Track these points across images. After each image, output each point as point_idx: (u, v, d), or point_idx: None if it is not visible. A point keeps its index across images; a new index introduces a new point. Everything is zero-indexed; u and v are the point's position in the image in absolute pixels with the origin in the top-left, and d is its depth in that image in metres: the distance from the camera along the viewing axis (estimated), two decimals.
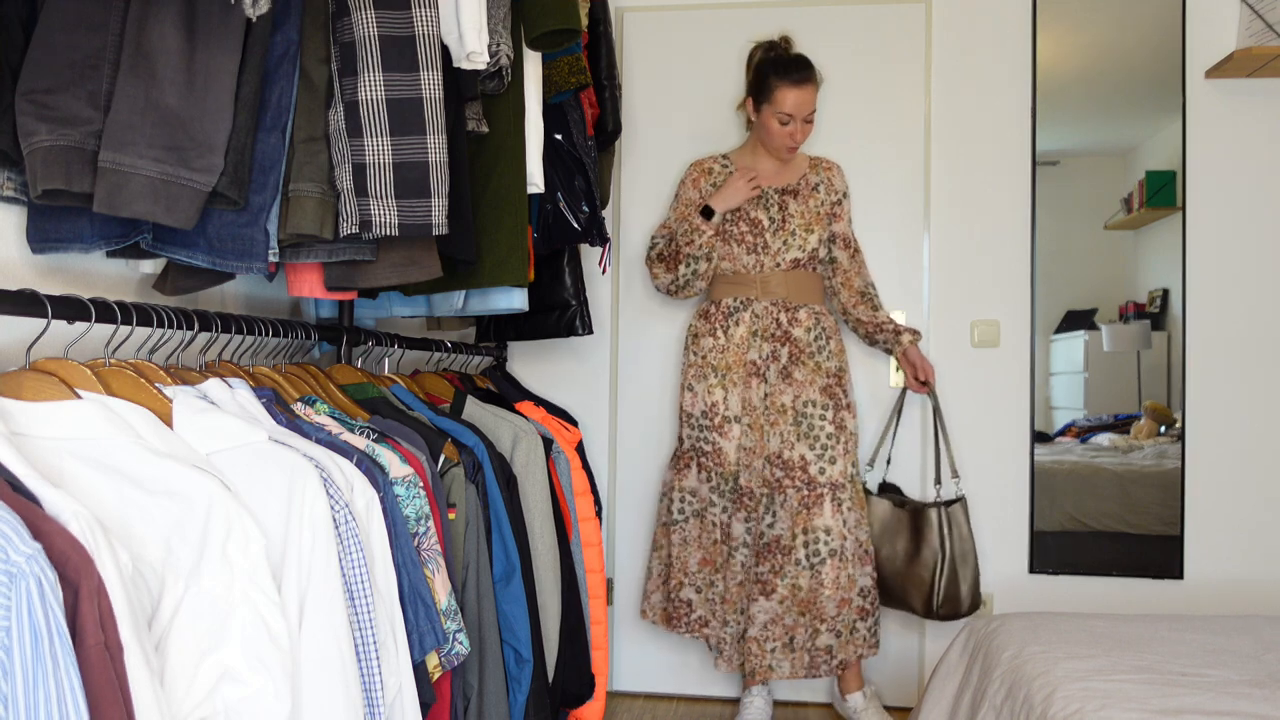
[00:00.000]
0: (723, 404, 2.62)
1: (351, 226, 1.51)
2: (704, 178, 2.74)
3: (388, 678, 1.23)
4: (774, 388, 2.61)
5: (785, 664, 2.54)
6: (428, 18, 1.53)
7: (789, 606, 2.54)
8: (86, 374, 1.14)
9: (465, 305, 2.19)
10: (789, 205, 2.67)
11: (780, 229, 2.65)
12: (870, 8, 2.95)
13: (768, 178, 2.71)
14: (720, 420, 2.63)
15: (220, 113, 1.29)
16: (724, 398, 2.63)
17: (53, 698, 0.78)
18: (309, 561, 1.12)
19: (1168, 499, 2.82)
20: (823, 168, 2.75)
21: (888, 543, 2.65)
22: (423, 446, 1.57)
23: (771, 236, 2.65)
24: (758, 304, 2.65)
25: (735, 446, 2.62)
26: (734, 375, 2.63)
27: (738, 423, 2.62)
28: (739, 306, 2.65)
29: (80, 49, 1.24)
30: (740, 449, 2.62)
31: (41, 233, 1.38)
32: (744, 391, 2.62)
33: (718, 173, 2.74)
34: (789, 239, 2.65)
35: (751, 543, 2.58)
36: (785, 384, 2.60)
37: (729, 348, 2.64)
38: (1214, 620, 2.05)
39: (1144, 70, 2.85)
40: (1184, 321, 2.82)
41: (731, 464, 2.61)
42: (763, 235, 2.65)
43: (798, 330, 2.63)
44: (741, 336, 2.64)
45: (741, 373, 2.63)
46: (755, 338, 2.63)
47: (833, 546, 2.53)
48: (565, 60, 2.21)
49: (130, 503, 1.03)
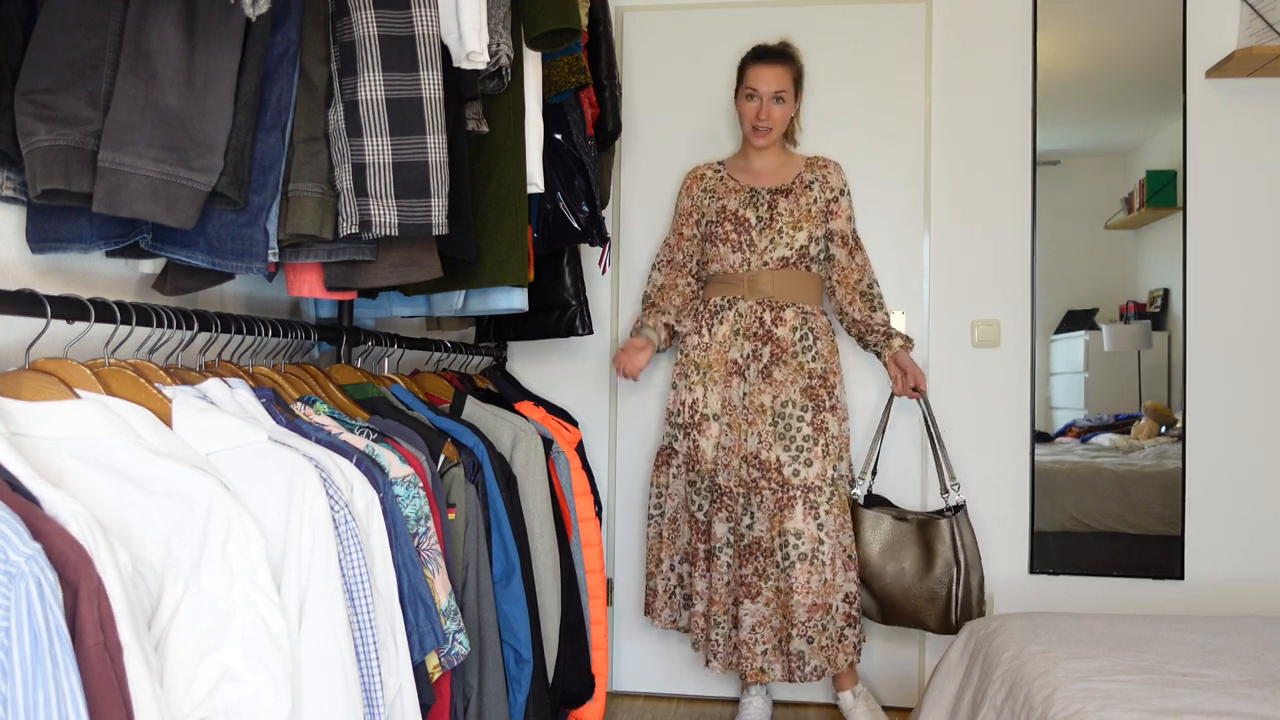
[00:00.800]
0: (702, 402, 2.61)
1: (351, 226, 1.51)
2: (696, 184, 2.76)
3: (388, 678, 1.23)
4: (753, 387, 2.58)
5: (776, 667, 2.51)
6: (428, 18, 1.53)
7: (775, 609, 2.51)
8: (86, 374, 1.14)
9: (465, 305, 2.18)
10: (779, 204, 2.65)
11: (768, 227, 2.63)
12: (870, 8, 2.95)
13: (760, 177, 2.70)
14: (699, 418, 2.61)
15: (220, 112, 1.29)
16: (703, 395, 2.61)
17: (52, 698, 0.78)
18: (309, 562, 1.12)
19: (1168, 499, 2.82)
20: (818, 166, 2.72)
21: (894, 560, 2.55)
22: (422, 447, 1.57)
23: (758, 235, 2.63)
24: (743, 303, 2.62)
25: (713, 445, 2.59)
26: (715, 373, 2.61)
27: (716, 421, 2.60)
28: (724, 305, 2.64)
29: (80, 49, 1.24)
30: (719, 448, 2.59)
31: (41, 233, 1.37)
32: (724, 390, 2.60)
33: (709, 178, 2.75)
34: (776, 237, 2.62)
35: (734, 543, 2.55)
36: (765, 383, 2.57)
37: (711, 346, 2.62)
38: (1214, 620, 2.04)
39: (1144, 70, 2.85)
40: (1184, 321, 2.82)
41: (709, 462, 2.59)
42: (749, 234, 2.64)
43: (781, 329, 2.59)
44: (724, 335, 2.62)
45: (722, 371, 2.61)
46: (737, 336, 2.61)
47: (802, 550, 2.48)
48: (565, 60, 2.21)
49: (130, 503, 1.03)
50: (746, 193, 2.68)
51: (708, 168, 2.78)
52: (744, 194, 2.68)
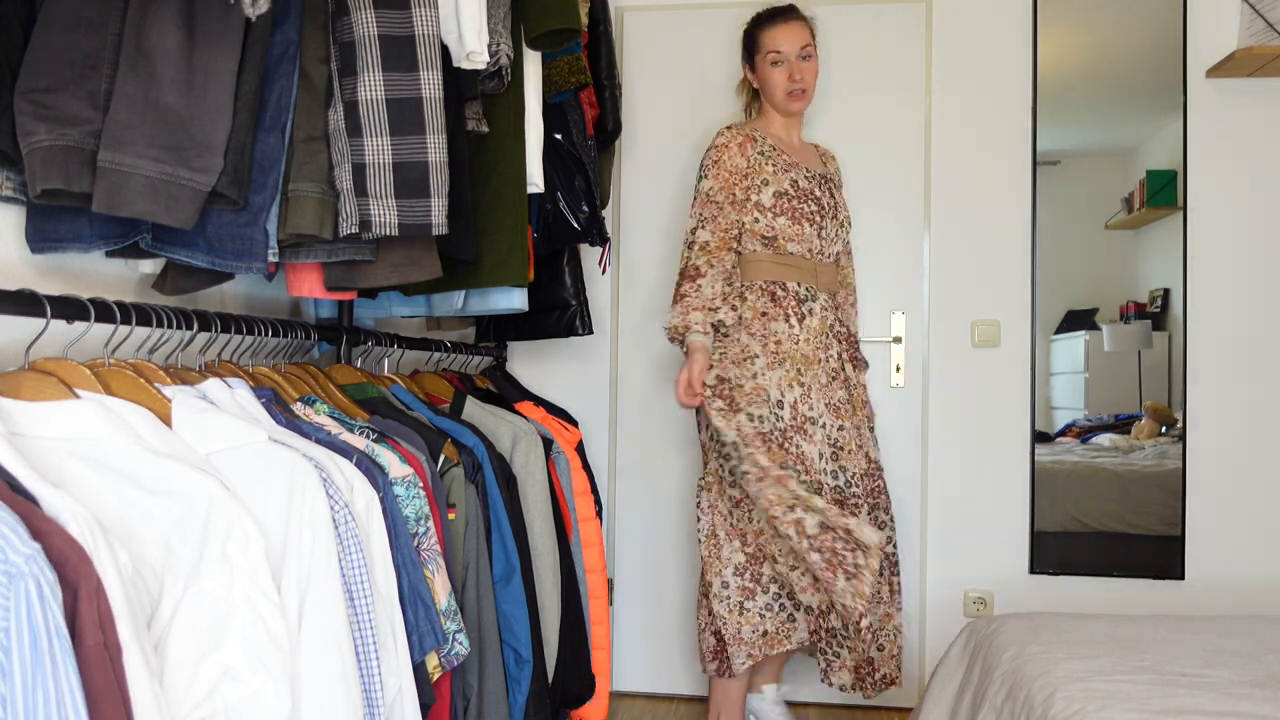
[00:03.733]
0: (803, 402, 2.33)
1: (351, 226, 1.51)
2: (749, 145, 2.42)
3: (387, 678, 1.23)
4: (854, 394, 2.44)
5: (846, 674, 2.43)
6: (427, 17, 1.53)
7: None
8: (86, 374, 1.14)
9: (465, 305, 2.18)
10: (833, 193, 2.50)
11: (833, 217, 2.46)
12: (870, 8, 2.95)
13: (805, 158, 2.51)
14: (802, 420, 2.32)
15: (220, 112, 1.29)
16: (802, 395, 2.33)
17: (52, 698, 0.78)
18: (309, 562, 1.12)
19: (1168, 499, 2.82)
20: (829, 158, 2.64)
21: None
22: (422, 447, 1.57)
23: (829, 223, 2.45)
24: (822, 295, 2.43)
25: (818, 453, 2.33)
26: (815, 371, 2.36)
27: (819, 426, 2.34)
28: (807, 295, 2.40)
29: (79, 48, 1.24)
30: (824, 456, 2.34)
31: (41, 232, 1.37)
32: (827, 391, 2.37)
33: (762, 143, 2.43)
34: (838, 229, 2.48)
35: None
36: (858, 386, 2.48)
37: (802, 339, 2.36)
38: (1215, 621, 2.04)
39: (1145, 70, 2.84)
40: (1185, 321, 2.82)
41: (816, 470, 2.31)
42: (822, 220, 2.43)
43: (845, 331, 2.51)
44: (816, 329, 2.38)
45: (823, 370, 2.37)
46: (829, 335, 2.40)
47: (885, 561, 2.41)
48: (565, 60, 2.21)
49: (130, 503, 1.03)
50: (805, 172, 2.44)
51: (748, 131, 2.44)
52: (803, 172, 2.43)
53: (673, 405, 2.97)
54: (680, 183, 3.00)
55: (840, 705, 2.90)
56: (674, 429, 2.98)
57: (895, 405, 2.90)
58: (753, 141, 2.43)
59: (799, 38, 2.42)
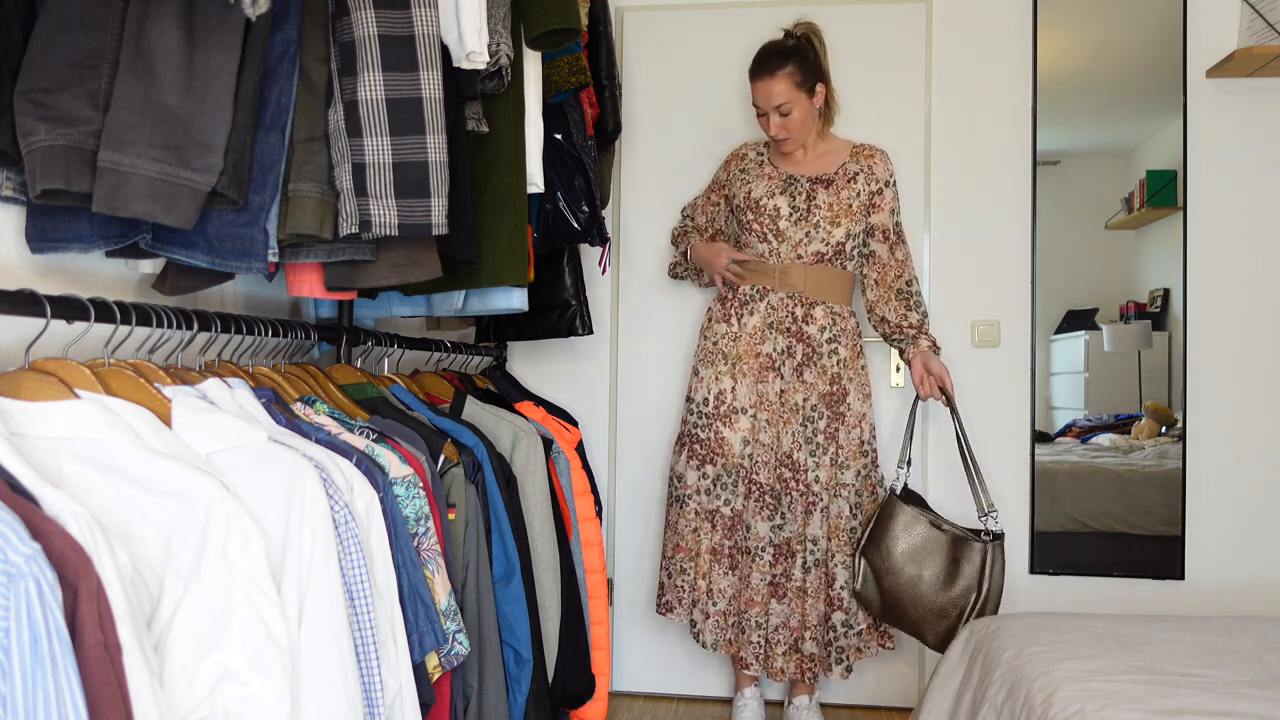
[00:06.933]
0: (730, 394, 2.55)
1: (351, 226, 1.51)
2: (735, 162, 2.72)
3: (387, 678, 1.23)
4: (789, 385, 2.53)
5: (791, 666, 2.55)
6: (427, 17, 1.53)
7: (794, 610, 2.53)
8: (85, 374, 1.14)
9: (465, 305, 2.18)
10: (818, 195, 2.56)
11: (804, 219, 2.55)
12: (870, 8, 2.95)
13: (801, 165, 2.62)
14: (726, 410, 2.55)
15: (220, 112, 1.29)
16: (732, 387, 2.55)
17: (52, 699, 0.78)
18: (309, 562, 1.12)
19: (1169, 499, 2.82)
20: (864, 155, 2.63)
21: (915, 564, 2.40)
22: (422, 447, 1.57)
23: (792, 226, 2.55)
24: (774, 295, 2.56)
25: (741, 440, 2.54)
26: (745, 365, 2.55)
27: (745, 415, 2.54)
28: (755, 296, 2.57)
29: (79, 48, 1.24)
30: (751, 443, 2.54)
31: (40, 232, 1.37)
32: (756, 384, 2.54)
33: (749, 159, 2.69)
34: (812, 230, 2.54)
35: (773, 543, 2.52)
36: (799, 382, 2.53)
37: (741, 336, 2.56)
38: (1215, 621, 2.04)
39: (1144, 70, 2.84)
40: (1185, 321, 2.82)
41: (736, 457, 2.53)
42: (776, 224, 2.56)
43: (812, 328, 2.54)
44: (754, 327, 2.56)
45: (754, 364, 2.55)
46: (770, 330, 2.55)
47: (817, 556, 2.52)
48: (565, 60, 2.21)
49: (130, 503, 1.03)
50: (783, 180, 2.60)
51: (752, 148, 2.72)
52: (779, 181, 2.60)
53: (673, 405, 2.97)
54: (680, 183, 3.00)
55: (840, 705, 2.90)
56: (674, 429, 2.98)
57: (895, 405, 2.90)
58: (739, 159, 2.73)
59: (774, 95, 2.50)
